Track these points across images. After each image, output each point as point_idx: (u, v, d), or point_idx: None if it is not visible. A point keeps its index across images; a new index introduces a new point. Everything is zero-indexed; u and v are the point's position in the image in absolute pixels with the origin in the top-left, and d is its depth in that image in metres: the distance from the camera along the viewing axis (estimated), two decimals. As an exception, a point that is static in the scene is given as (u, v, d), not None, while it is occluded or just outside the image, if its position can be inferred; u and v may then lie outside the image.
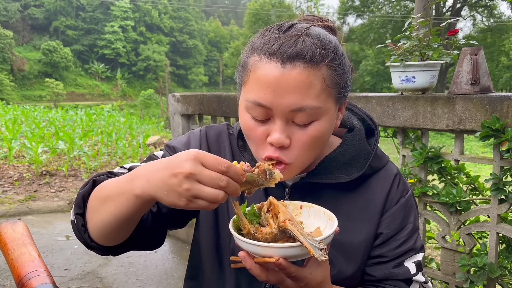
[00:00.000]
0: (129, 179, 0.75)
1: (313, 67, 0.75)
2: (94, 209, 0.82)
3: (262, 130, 0.80)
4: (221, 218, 0.96)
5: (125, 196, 0.74)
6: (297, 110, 0.76)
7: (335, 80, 0.79)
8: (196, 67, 71.45)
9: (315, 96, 0.76)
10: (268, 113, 0.78)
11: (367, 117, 0.99)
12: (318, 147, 0.82)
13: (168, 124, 14.91)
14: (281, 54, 0.75)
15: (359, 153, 0.92)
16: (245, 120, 0.82)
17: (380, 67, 30.69)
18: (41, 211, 4.86)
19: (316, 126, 0.79)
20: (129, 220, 0.78)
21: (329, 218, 0.79)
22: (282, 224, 0.69)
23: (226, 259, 0.94)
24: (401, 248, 0.90)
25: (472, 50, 1.88)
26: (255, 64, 0.78)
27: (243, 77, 0.83)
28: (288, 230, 0.68)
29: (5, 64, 48.19)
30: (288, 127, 0.78)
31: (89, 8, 63.58)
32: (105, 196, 0.79)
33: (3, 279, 3.16)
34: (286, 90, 0.75)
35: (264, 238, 0.70)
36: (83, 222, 0.84)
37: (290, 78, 0.74)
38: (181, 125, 3.59)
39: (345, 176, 0.90)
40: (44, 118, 14.22)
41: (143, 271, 3.36)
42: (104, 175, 0.89)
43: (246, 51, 0.83)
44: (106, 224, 0.79)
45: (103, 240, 0.84)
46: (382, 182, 0.93)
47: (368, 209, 0.91)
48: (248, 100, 0.79)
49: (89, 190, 0.85)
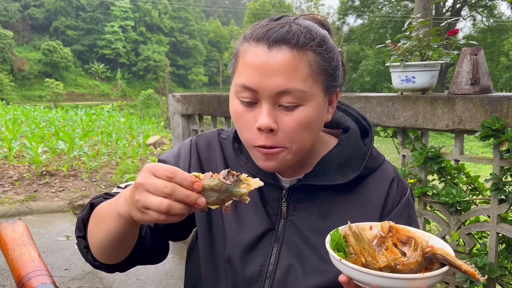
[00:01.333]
0: (115, 199, 0.79)
1: (299, 51, 0.77)
2: (91, 230, 0.86)
3: (250, 116, 0.80)
4: (214, 224, 0.95)
5: (112, 216, 0.77)
6: (282, 93, 0.77)
7: (322, 66, 0.80)
8: (196, 67, 71.45)
9: (301, 79, 0.77)
10: (255, 96, 0.79)
11: (361, 118, 0.99)
12: (306, 134, 0.81)
13: (168, 124, 14.91)
14: (268, 38, 0.77)
15: (355, 154, 0.92)
16: (234, 106, 0.83)
17: (380, 67, 30.68)
18: (41, 211, 4.86)
19: (302, 111, 0.79)
20: (121, 239, 0.81)
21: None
22: (429, 250, 0.62)
23: (220, 265, 0.94)
24: None
25: (472, 50, 1.88)
26: (244, 49, 0.81)
27: (234, 66, 0.84)
28: (437, 254, 0.61)
29: (5, 64, 48.16)
30: (275, 111, 0.79)
31: (89, 8, 63.57)
32: (98, 217, 0.83)
33: (3, 279, 3.16)
34: (272, 73, 0.76)
35: (410, 269, 0.62)
36: (86, 244, 0.88)
37: (276, 61, 0.76)
38: (181, 125, 3.59)
39: (341, 177, 0.89)
40: (44, 118, 14.23)
41: (143, 271, 3.36)
42: (101, 197, 0.92)
43: (238, 42, 0.85)
44: (101, 244, 0.83)
45: (104, 259, 0.87)
46: (379, 183, 0.93)
47: (365, 210, 0.91)
48: (236, 84, 0.81)
49: (88, 213, 0.89)
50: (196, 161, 0.97)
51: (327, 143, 0.94)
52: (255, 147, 0.81)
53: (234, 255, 0.91)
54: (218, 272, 0.94)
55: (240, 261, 0.90)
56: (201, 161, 0.98)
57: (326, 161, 0.90)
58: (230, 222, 0.93)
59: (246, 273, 0.89)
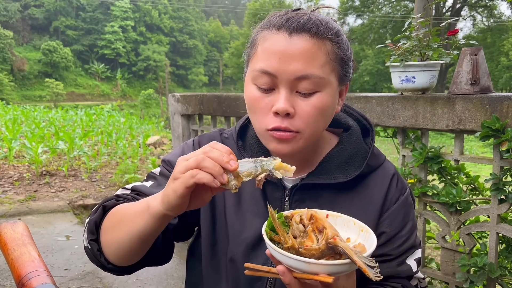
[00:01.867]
0: (146, 199, 0.80)
1: (318, 39, 0.80)
2: (109, 232, 0.85)
3: (266, 101, 0.82)
4: (218, 223, 0.96)
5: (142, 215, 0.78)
6: (301, 78, 0.78)
7: (338, 55, 0.83)
8: (196, 67, 71.42)
9: (319, 66, 0.79)
10: (273, 81, 0.80)
11: (362, 117, 1.01)
12: (320, 120, 0.83)
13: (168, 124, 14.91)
14: (288, 26, 0.79)
15: (357, 152, 0.93)
16: (250, 92, 0.84)
17: (380, 67, 30.68)
18: (41, 211, 4.86)
19: (319, 97, 0.81)
20: (145, 239, 0.81)
21: (361, 230, 0.77)
22: (332, 241, 0.66)
23: (223, 264, 0.94)
24: (403, 246, 0.91)
25: (472, 50, 1.88)
26: (264, 37, 0.82)
27: (251, 53, 0.86)
28: (338, 247, 0.66)
29: (5, 64, 48.15)
30: (292, 97, 0.81)
31: (89, 8, 63.56)
32: (121, 218, 0.83)
33: (3, 279, 3.16)
34: (292, 58, 0.78)
35: (311, 254, 0.67)
36: (98, 247, 0.87)
37: (296, 47, 0.78)
38: (181, 125, 3.59)
39: (343, 175, 0.91)
40: (44, 118, 14.22)
41: (143, 271, 3.35)
42: (113, 200, 0.91)
43: (256, 30, 0.87)
44: (122, 244, 0.82)
45: (120, 261, 0.87)
46: (380, 181, 0.94)
47: (366, 208, 0.92)
48: (254, 69, 0.82)
49: (101, 216, 0.88)
50: None
51: (330, 141, 0.96)
52: (268, 131, 0.82)
53: (237, 254, 0.91)
54: (220, 271, 0.95)
55: (243, 260, 0.90)
56: None
57: (328, 159, 0.91)
58: (233, 222, 0.93)
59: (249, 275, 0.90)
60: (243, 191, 0.95)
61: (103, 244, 0.87)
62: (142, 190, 0.95)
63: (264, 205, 0.93)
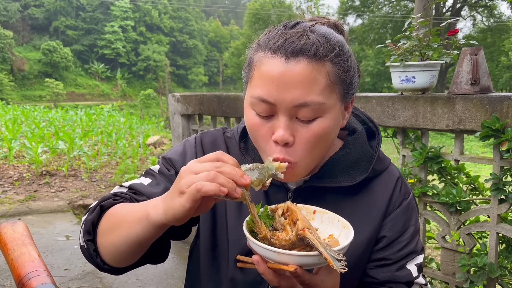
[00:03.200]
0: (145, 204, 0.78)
1: (317, 62, 0.75)
2: (106, 233, 0.83)
3: (266, 128, 0.79)
4: (219, 226, 0.95)
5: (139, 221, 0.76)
6: (300, 106, 0.75)
7: (340, 76, 0.78)
8: (196, 67, 71.43)
9: (319, 91, 0.75)
10: (272, 109, 0.77)
11: (368, 119, 0.99)
12: (322, 146, 0.81)
13: (168, 124, 14.91)
14: (285, 50, 0.75)
15: (362, 156, 0.91)
16: (250, 118, 0.81)
17: (380, 67, 30.68)
18: (41, 211, 4.86)
19: (320, 123, 0.77)
20: (142, 243, 0.80)
21: (344, 226, 0.78)
22: (301, 232, 0.67)
23: (224, 267, 0.93)
24: (403, 251, 0.90)
25: (472, 50, 1.88)
26: (260, 60, 0.78)
27: (248, 74, 0.82)
28: (307, 238, 0.67)
29: (5, 64, 48.15)
30: (292, 124, 0.77)
31: (89, 8, 63.55)
32: (118, 221, 0.81)
33: (3, 279, 3.16)
34: (290, 85, 0.74)
35: (281, 245, 0.69)
36: (95, 247, 0.85)
37: (293, 73, 0.74)
38: (181, 125, 3.59)
39: (349, 179, 0.89)
40: (44, 118, 14.22)
41: (143, 271, 3.36)
42: (110, 199, 0.89)
43: (252, 49, 0.83)
44: (119, 247, 0.81)
45: (116, 263, 0.85)
46: (384, 185, 0.93)
47: (370, 212, 0.90)
48: (252, 96, 0.79)
49: (98, 216, 0.86)
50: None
51: (333, 145, 0.93)
52: None
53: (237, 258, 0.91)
54: (221, 273, 0.94)
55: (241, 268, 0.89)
56: None
57: (333, 163, 0.89)
58: (233, 225, 0.92)
59: (250, 276, 0.89)
60: None
61: (99, 246, 0.85)
62: (140, 189, 0.93)
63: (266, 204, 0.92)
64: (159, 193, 0.89)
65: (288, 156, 0.78)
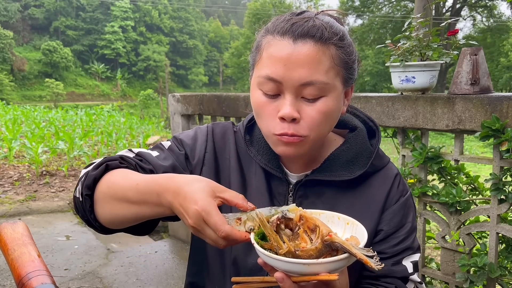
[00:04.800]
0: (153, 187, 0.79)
1: (323, 44, 0.80)
2: (111, 199, 0.85)
3: (273, 106, 0.83)
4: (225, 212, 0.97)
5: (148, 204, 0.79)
6: (306, 84, 0.79)
7: (343, 59, 0.83)
8: (196, 67, 71.41)
9: (324, 71, 0.80)
10: (278, 87, 0.81)
11: (368, 119, 1.02)
12: (325, 124, 0.85)
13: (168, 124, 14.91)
14: (293, 32, 0.80)
15: (362, 152, 0.94)
16: (256, 97, 0.85)
17: (380, 67, 30.68)
18: (41, 211, 4.86)
19: (324, 101, 0.82)
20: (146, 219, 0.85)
21: (347, 223, 0.77)
22: (328, 238, 0.65)
23: (227, 250, 0.96)
24: (399, 246, 0.92)
25: (472, 50, 1.88)
26: (268, 42, 0.83)
27: (256, 57, 0.86)
28: (335, 243, 0.65)
29: (5, 64, 48.12)
30: (297, 102, 0.81)
31: (89, 8, 63.54)
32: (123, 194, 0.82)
33: (3, 279, 3.16)
34: (297, 64, 0.79)
35: (309, 255, 0.66)
36: (91, 203, 0.87)
37: (301, 53, 0.79)
38: (181, 125, 3.59)
39: (348, 174, 0.92)
40: (44, 118, 14.22)
41: (143, 271, 3.36)
42: (117, 161, 0.90)
43: (261, 33, 0.87)
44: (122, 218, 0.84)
45: (110, 225, 0.88)
46: (383, 181, 0.95)
47: (368, 207, 0.93)
48: (260, 75, 0.83)
49: (101, 173, 0.87)
50: (211, 147, 1.00)
51: (334, 142, 0.97)
52: (275, 135, 0.84)
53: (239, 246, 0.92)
54: (225, 257, 0.96)
55: (245, 250, 0.93)
56: (216, 148, 1.01)
57: (334, 157, 0.93)
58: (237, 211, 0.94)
59: (251, 262, 0.92)
60: (249, 185, 0.97)
61: (99, 205, 0.86)
62: (147, 158, 0.94)
63: (269, 199, 0.94)
64: (165, 167, 0.93)
65: (296, 131, 0.82)
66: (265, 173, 0.96)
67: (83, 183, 0.87)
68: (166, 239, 3.98)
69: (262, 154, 0.95)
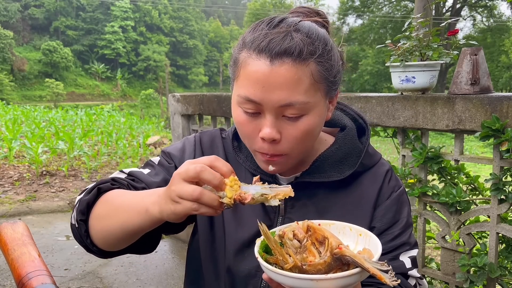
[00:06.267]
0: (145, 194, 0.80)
1: (301, 63, 0.76)
2: (101, 217, 0.85)
3: (253, 125, 0.81)
4: (216, 220, 0.97)
5: (137, 211, 0.78)
6: (286, 106, 0.77)
7: (323, 75, 0.80)
8: (196, 67, 71.41)
9: (303, 91, 0.77)
10: (258, 107, 0.79)
11: (358, 116, 1.01)
12: (308, 141, 0.84)
13: (168, 124, 14.91)
14: (270, 51, 0.76)
15: (351, 151, 0.94)
16: (237, 115, 0.84)
17: (380, 67, 30.68)
18: (41, 211, 4.86)
19: (305, 120, 0.80)
20: (137, 232, 0.82)
21: (359, 234, 0.73)
22: (337, 251, 0.60)
23: (221, 261, 0.95)
24: (395, 242, 0.91)
25: (472, 50, 1.88)
26: (245, 60, 0.80)
27: (235, 72, 0.84)
28: (346, 256, 0.60)
29: (5, 64, 48.13)
30: (279, 121, 0.80)
31: (89, 8, 63.54)
32: (116, 207, 0.83)
33: (3, 279, 3.16)
34: (275, 86, 0.76)
35: (317, 270, 0.61)
36: (86, 228, 0.87)
37: (278, 75, 0.76)
38: (181, 125, 3.59)
39: (337, 174, 0.91)
40: (44, 118, 14.21)
41: (143, 271, 3.36)
42: (108, 183, 0.90)
43: (237, 47, 0.84)
44: (113, 233, 0.83)
45: (106, 247, 0.87)
46: (373, 179, 0.95)
47: (361, 205, 0.92)
48: (239, 95, 0.81)
49: (94, 198, 0.87)
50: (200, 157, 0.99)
51: (325, 142, 0.96)
52: (257, 152, 0.84)
53: (233, 251, 0.93)
54: (219, 267, 0.96)
55: (238, 257, 0.92)
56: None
57: (323, 159, 0.92)
58: (229, 220, 0.95)
59: (245, 269, 0.91)
60: None
61: (92, 228, 0.86)
62: (139, 176, 0.95)
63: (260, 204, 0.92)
64: (157, 182, 0.93)
65: (276, 151, 0.81)
66: None
67: (78, 209, 0.87)
68: (166, 239, 3.98)
69: (251, 160, 0.94)
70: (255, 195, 0.68)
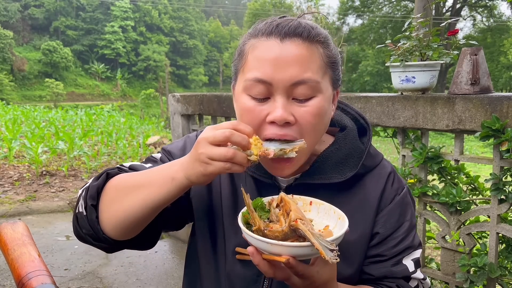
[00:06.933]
0: (163, 167, 0.81)
1: (310, 43, 0.78)
2: (116, 200, 0.83)
3: (261, 110, 0.79)
4: (216, 222, 0.96)
5: (161, 183, 0.78)
6: (298, 83, 0.77)
7: (331, 58, 0.82)
8: (196, 67, 71.42)
9: (315, 69, 0.78)
10: (268, 89, 0.78)
11: (359, 116, 0.99)
12: (321, 126, 0.83)
13: (168, 124, 14.91)
14: (279, 32, 0.78)
15: (352, 152, 0.91)
16: (243, 103, 0.81)
17: (380, 67, 30.68)
18: (41, 211, 4.86)
19: (316, 102, 0.79)
20: (159, 206, 0.81)
21: (339, 218, 0.79)
22: (293, 223, 0.68)
23: (221, 262, 0.94)
24: (398, 247, 0.90)
25: (472, 50, 1.88)
26: (253, 45, 0.80)
27: (239, 64, 0.84)
28: (299, 229, 0.67)
29: (5, 64, 48.14)
30: (289, 104, 0.78)
31: (89, 8, 63.53)
32: (133, 186, 0.82)
33: (3, 279, 3.16)
34: (287, 64, 0.76)
35: (274, 236, 0.69)
36: (97, 214, 0.85)
37: (290, 52, 0.76)
38: (181, 125, 3.59)
39: (338, 176, 0.89)
40: (44, 118, 14.21)
41: (143, 271, 3.36)
42: (115, 169, 0.91)
43: (243, 39, 0.85)
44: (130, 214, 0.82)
45: (117, 234, 0.85)
46: (376, 181, 0.93)
47: (363, 209, 0.91)
48: (247, 79, 0.80)
49: (103, 183, 0.87)
50: None
51: (323, 142, 0.94)
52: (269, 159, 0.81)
53: (233, 256, 0.91)
54: (219, 269, 0.95)
55: (239, 261, 0.90)
56: None
57: (323, 159, 0.90)
58: (229, 222, 0.93)
59: (245, 274, 0.90)
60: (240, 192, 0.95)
61: (103, 213, 0.85)
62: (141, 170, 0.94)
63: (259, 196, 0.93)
64: None
65: (291, 133, 0.78)
66: (255, 180, 0.93)
67: (86, 196, 0.86)
68: (166, 239, 3.98)
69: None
70: (275, 150, 0.76)
